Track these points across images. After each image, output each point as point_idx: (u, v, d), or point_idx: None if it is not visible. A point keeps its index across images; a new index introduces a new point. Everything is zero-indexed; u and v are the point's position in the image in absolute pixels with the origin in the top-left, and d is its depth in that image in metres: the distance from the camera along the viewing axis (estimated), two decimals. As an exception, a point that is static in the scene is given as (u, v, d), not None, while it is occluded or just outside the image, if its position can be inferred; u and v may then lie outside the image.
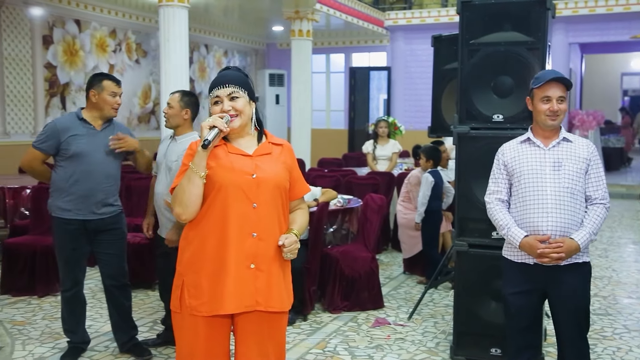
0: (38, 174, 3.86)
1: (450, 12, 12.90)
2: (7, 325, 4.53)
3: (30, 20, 9.08)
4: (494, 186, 3.17)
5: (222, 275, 2.25)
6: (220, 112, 2.30)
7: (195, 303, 2.26)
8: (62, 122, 3.73)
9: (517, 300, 3.07)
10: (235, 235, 2.26)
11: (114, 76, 3.87)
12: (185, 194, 2.22)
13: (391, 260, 6.82)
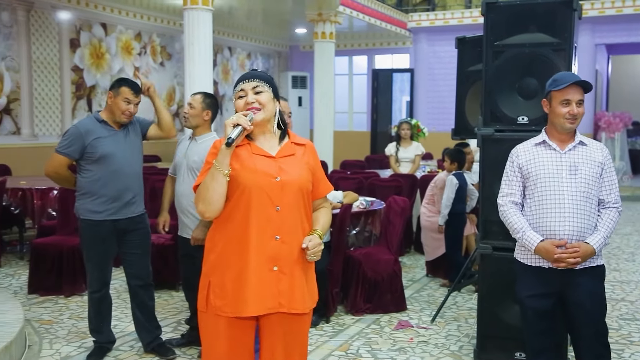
0: (63, 179, 3.88)
1: (474, 13, 12.83)
2: (35, 324, 4.60)
3: (58, 24, 9.22)
4: (508, 188, 3.14)
5: (245, 277, 2.26)
6: (244, 105, 2.30)
7: (219, 303, 2.28)
8: (84, 126, 3.76)
9: (533, 303, 3.05)
10: (258, 237, 2.27)
11: (136, 84, 3.86)
12: (208, 191, 2.23)
13: (414, 262, 6.79)
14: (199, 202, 2.27)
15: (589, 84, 3.00)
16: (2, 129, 8.50)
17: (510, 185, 3.13)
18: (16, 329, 3.87)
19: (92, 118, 3.83)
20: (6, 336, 3.73)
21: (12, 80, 8.58)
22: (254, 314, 2.30)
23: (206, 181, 2.25)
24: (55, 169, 3.78)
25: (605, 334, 3.05)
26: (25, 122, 8.83)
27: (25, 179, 7.12)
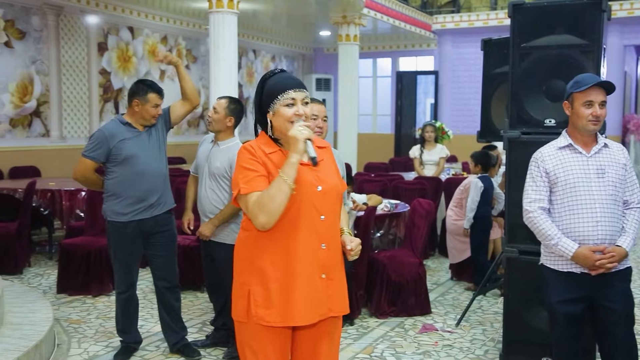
0: (91, 182, 3.94)
1: (499, 15, 12.72)
2: (64, 324, 4.67)
3: (86, 28, 9.37)
4: (535, 194, 3.07)
5: (293, 286, 2.24)
6: (294, 114, 2.25)
7: (262, 313, 2.25)
8: (108, 129, 3.80)
9: (564, 308, 3.01)
10: (305, 247, 2.26)
11: (158, 86, 3.91)
12: (274, 203, 2.16)
13: (438, 266, 6.76)
14: (261, 214, 2.17)
15: (612, 85, 2.96)
16: (32, 131, 8.65)
17: (538, 190, 3.07)
18: (45, 328, 3.93)
19: (116, 121, 3.87)
20: (36, 335, 3.80)
21: (42, 84, 8.73)
22: (305, 323, 2.28)
23: (271, 193, 2.17)
24: (83, 173, 3.83)
25: (634, 336, 3.02)
26: (54, 124, 8.97)
27: (54, 181, 7.24)
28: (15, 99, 8.38)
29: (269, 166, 2.24)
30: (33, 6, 8.55)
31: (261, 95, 2.32)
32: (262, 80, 2.34)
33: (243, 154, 2.28)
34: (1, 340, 3.66)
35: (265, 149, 2.28)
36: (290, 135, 2.21)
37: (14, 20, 8.31)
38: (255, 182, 2.22)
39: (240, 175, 2.25)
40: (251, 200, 2.19)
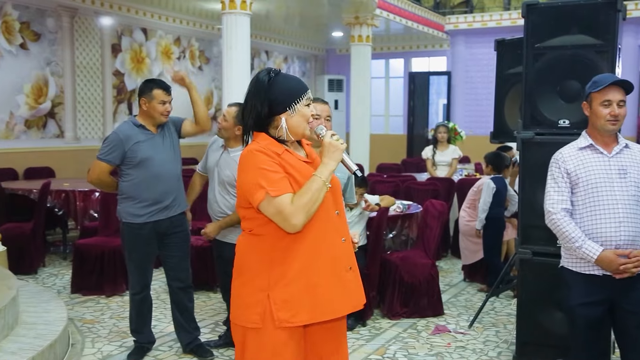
0: (106, 185, 3.95)
1: (512, 15, 12.66)
2: (78, 324, 4.71)
3: (100, 29, 9.43)
4: (557, 195, 3.03)
5: (321, 282, 2.25)
6: (310, 115, 2.29)
7: (285, 315, 2.21)
8: (123, 132, 3.81)
9: (585, 311, 2.97)
10: (328, 243, 2.27)
11: (164, 83, 3.91)
12: (315, 204, 2.17)
13: (451, 267, 6.74)
14: (301, 215, 2.15)
15: (630, 84, 2.94)
16: (46, 132, 8.72)
17: (560, 191, 3.02)
18: (60, 327, 3.96)
19: (129, 123, 3.87)
20: (50, 335, 3.83)
21: (56, 85, 8.80)
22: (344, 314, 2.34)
23: (314, 196, 2.16)
24: (98, 176, 3.85)
25: None
26: (69, 125, 9.04)
27: (69, 181, 7.29)
28: (30, 100, 8.46)
29: (286, 167, 2.22)
30: (48, 8, 8.62)
31: (273, 93, 2.23)
32: (267, 81, 2.25)
33: (257, 156, 2.19)
34: (16, 340, 3.70)
35: (276, 150, 2.24)
36: (330, 143, 2.23)
37: (29, 22, 8.39)
38: (282, 184, 2.17)
39: (261, 178, 2.16)
40: (285, 202, 2.14)
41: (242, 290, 2.28)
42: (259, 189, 2.16)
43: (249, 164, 2.21)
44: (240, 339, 2.31)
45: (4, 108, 8.07)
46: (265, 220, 2.22)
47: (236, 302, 2.31)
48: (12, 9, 8.15)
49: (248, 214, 2.27)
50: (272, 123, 2.27)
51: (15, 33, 8.21)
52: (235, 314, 2.31)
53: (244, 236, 2.34)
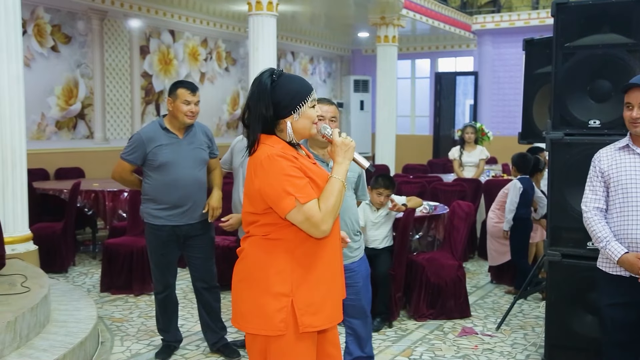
0: (129, 183, 4.00)
1: (541, 14, 12.51)
2: (107, 322, 4.77)
3: (129, 31, 9.56)
4: (592, 194, 3.04)
5: (336, 285, 2.28)
6: (316, 115, 2.27)
7: (311, 319, 2.19)
8: (146, 133, 3.79)
9: (613, 312, 2.96)
10: (338, 246, 2.30)
11: (192, 83, 3.86)
12: (339, 208, 2.18)
13: (478, 268, 6.68)
14: (331, 219, 2.14)
15: None
16: (76, 133, 8.86)
17: (595, 190, 3.03)
18: (90, 325, 4.02)
19: (156, 124, 3.85)
20: (81, 332, 3.89)
21: (86, 87, 8.94)
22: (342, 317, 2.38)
23: (337, 198, 2.16)
24: (120, 174, 3.89)
25: None
26: (98, 126, 9.18)
27: (98, 182, 7.41)
28: (61, 101, 8.60)
29: (305, 171, 2.18)
30: (78, 11, 8.76)
31: (277, 96, 2.18)
32: (269, 84, 2.19)
33: (280, 162, 2.12)
34: (48, 337, 3.76)
35: (293, 154, 2.19)
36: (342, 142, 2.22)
37: (61, 25, 8.54)
38: (308, 190, 2.13)
39: (288, 185, 2.10)
40: (314, 209, 2.11)
41: (261, 299, 2.18)
42: (286, 196, 2.10)
43: (272, 170, 2.13)
44: (260, 349, 2.23)
45: (36, 109, 8.22)
46: (285, 223, 2.16)
47: (254, 313, 2.20)
48: (44, 12, 8.30)
49: (265, 219, 2.20)
50: (278, 126, 2.22)
51: (47, 36, 8.36)
52: (254, 324, 2.20)
53: (256, 242, 2.24)
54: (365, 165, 2.32)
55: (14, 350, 3.47)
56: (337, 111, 3.34)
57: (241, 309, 2.25)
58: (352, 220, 3.33)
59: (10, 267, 4.43)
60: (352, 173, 3.35)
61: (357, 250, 3.38)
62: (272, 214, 2.17)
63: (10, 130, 5.00)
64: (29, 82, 6.54)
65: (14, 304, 3.69)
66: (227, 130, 11.61)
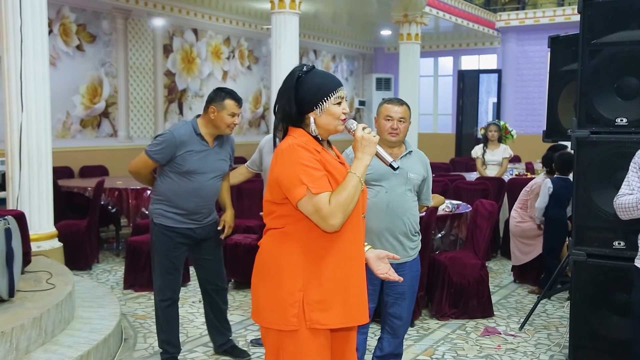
0: (144, 179, 3.82)
1: (566, 11, 12.35)
2: (130, 319, 4.81)
3: (152, 30, 9.64)
4: (625, 189, 3.00)
5: (350, 286, 2.24)
6: (342, 112, 2.24)
7: (319, 316, 2.17)
8: (180, 136, 3.60)
9: None
10: (356, 246, 2.26)
11: (237, 95, 3.72)
12: (353, 202, 2.14)
13: (500, 268, 6.62)
14: (340, 214, 2.10)
15: None
16: (100, 131, 8.97)
17: (629, 185, 2.99)
18: (113, 322, 4.06)
19: (189, 126, 3.67)
20: (105, 329, 3.92)
21: (110, 85, 9.04)
22: (365, 322, 2.31)
23: (351, 193, 2.12)
24: (138, 169, 3.73)
25: None
26: (122, 124, 9.27)
27: (121, 179, 7.47)
28: (86, 100, 8.71)
29: (325, 165, 2.18)
30: (103, 10, 8.86)
31: (301, 92, 2.21)
32: (296, 77, 2.22)
33: (298, 151, 2.14)
34: (72, 334, 3.80)
35: (315, 147, 2.19)
36: (363, 137, 2.20)
37: (86, 25, 8.64)
38: (323, 182, 2.12)
39: (302, 174, 2.10)
40: (324, 201, 2.09)
41: (275, 293, 2.19)
42: (299, 184, 2.10)
43: (290, 159, 2.14)
44: (274, 343, 2.23)
45: (61, 108, 8.33)
46: (300, 216, 2.16)
47: (268, 306, 2.21)
48: (69, 12, 8.41)
49: (281, 210, 2.21)
50: (303, 121, 2.24)
51: (72, 35, 8.46)
52: (269, 318, 2.21)
53: (272, 235, 2.25)
54: (388, 161, 2.30)
55: (39, 347, 3.52)
56: (407, 111, 3.36)
57: (257, 302, 2.27)
58: (411, 221, 3.35)
59: (35, 264, 4.49)
60: (416, 175, 3.37)
61: (413, 250, 3.40)
62: (288, 205, 2.18)
63: (36, 128, 5.07)
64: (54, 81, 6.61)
65: (39, 301, 3.74)
66: (249, 128, 11.65)
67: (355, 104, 14.45)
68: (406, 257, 3.37)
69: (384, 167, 3.24)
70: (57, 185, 6.33)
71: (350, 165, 2.24)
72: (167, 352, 3.86)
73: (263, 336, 2.29)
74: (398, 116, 3.30)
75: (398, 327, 3.48)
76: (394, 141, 3.34)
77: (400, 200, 3.31)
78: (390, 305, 3.43)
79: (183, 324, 4.41)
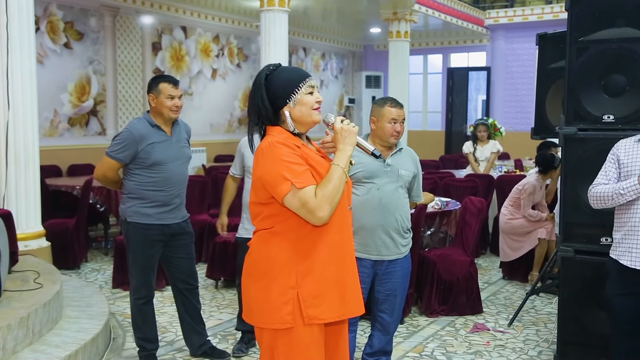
0: (111, 182, 3.79)
1: (555, 9, 12.40)
2: (119, 318, 4.79)
3: (141, 28, 9.58)
4: (602, 178, 3.08)
5: (345, 279, 2.25)
6: (315, 102, 2.24)
7: (317, 311, 2.18)
8: (138, 130, 3.61)
9: (623, 302, 2.99)
10: (345, 238, 2.27)
11: (172, 77, 3.76)
12: (339, 194, 2.14)
13: (489, 264, 6.65)
14: (327, 207, 2.10)
15: None
16: (89, 129, 8.91)
17: (606, 175, 3.07)
18: (102, 322, 4.04)
19: (144, 122, 3.68)
20: (93, 329, 3.91)
21: (98, 83, 8.98)
22: (361, 313, 2.33)
23: (336, 185, 2.13)
24: (105, 173, 3.69)
25: None
26: (110, 123, 9.21)
27: (110, 178, 7.42)
28: (74, 98, 8.65)
29: (307, 159, 2.18)
30: (91, 8, 8.80)
31: (272, 88, 2.21)
32: (264, 76, 2.23)
33: (279, 148, 2.14)
34: (60, 333, 3.78)
35: (295, 143, 2.20)
36: (342, 128, 2.20)
37: (73, 22, 8.57)
38: (306, 176, 2.12)
39: (285, 170, 2.11)
40: (310, 194, 2.09)
41: (268, 293, 2.20)
42: (283, 181, 2.11)
43: (271, 156, 2.15)
44: (269, 344, 2.23)
45: (49, 106, 8.26)
46: (288, 215, 2.16)
47: (261, 307, 2.21)
48: (56, 9, 8.34)
49: (268, 210, 2.21)
50: (279, 118, 2.24)
51: (60, 33, 8.40)
52: (261, 319, 2.22)
53: (262, 236, 2.25)
54: (370, 149, 2.31)
55: (26, 346, 3.49)
56: (402, 112, 3.40)
57: (249, 303, 2.27)
58: (403, 217, 3.38)
59: (23, 263, 4.46)
60: (407, 172, 3.40)
61: (405, 247, 3.43)
62: (275, 204, 2.18)
63: (23, 127, 5.03)
64: (41, 79, 6.57)
65: (26, 300, 3.72)
66: (238, 126, 11.62)
67: (345, 101, 14.45)
68: (397, 254, 3.38)
69: (375, 164, 3.25)
70: (44, 184, 6.29)
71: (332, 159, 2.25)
72: (144, 349, 3.85)
73: (257, 336, 2.29)
74: (401, 119, 3.36)
75: (388, 324, 3.49)
76: (395, 142, 3.38)
77: (392, 197, 3.32)
78: (381, 302, 3.44)
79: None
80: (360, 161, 3.14)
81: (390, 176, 3.33)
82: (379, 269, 3.39)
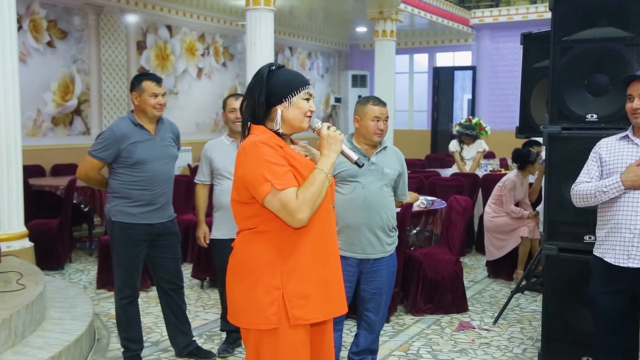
0: (95, 182, 3.80)
1: (539, 8, 12.47)
2: (104, 319, 4.76)
3: (126, 27, 9.52)
4: (583, 176, 3.10)
5: (330, 278, 2.26)
6: (309, 109, 2.25)
7: (302, 311, 2.18)
8: (120, 130, 3.61)
9: (605, 300, 3.01)
10: (329, 237, 2.28)
11: (155, 75, 3.75)
12: (320, 197, 2.14)
13: (475, 263, 6.68)
14: (307, 209, 2.10)
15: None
16: (72, 129, 8.83)
17: (588, 173, 3.09)
18: (86, 323, 4.01)
19: (127, 121, 3.68)
20: (77, 330, 3.87)
21: (82, 82, 8.90)
22: (345, 312, 2.35)
23: (318, 189, 2.13)
24: (87, 173, 3.69)
25: None
26: (95, 122, 9.14)
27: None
28: (57, 97, 8.57)
29: (289, 160, 2.18)
30: (74, 6, 8.72)
31: (272, 84, 2.21)
32: (267, 70, 2.23)
33: (261, 148, 2.13)
34: (43, 335, 3.75)
35: (278, 143, 2.19)
36: (329, 135, 2.21)
37: (56, 21, 8.49)
38: (288, 177, 2.12)
39: (266, 171, 2.10)
40: (290, 196, 2.09)
41: (253, 293, 2.19)
42: (264, 182, 2.10)
43: (253, 156, 2.14)
44: (254, 344, 2.23)
45: (32, 105, 8.18)
46: (270, 215, 2.15)
47: (246, 307, 2.20)
48: (39, 8, 8.26)
49: (250, 210, 2.20)
50: (269, 115, 2.23)
51: (43, 31, 8.32)
52: (246, 319, 2.21)
53: (245, 237, 2.24)
54: (354, 158, 2.33)
55: (9, 348, 3.46)
56: (385, 110, 3.42)
57: (234, 303, 2.26)
58: (388, 215, 3.39)
59: (5, 264, 4.42)
60: (392, 170, 3.41)
61: (390, 245, 3.43)
62: (257, 204, 2.18)
63: (5, 126, 4.97)
64: (24, 77, 6.50)
65: (9, 302, 3.68)
66: (224, 125, 11.56)
67: (331, 101, 14.44)
68: (383, 253, 3.38)
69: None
70: (27, 184, 6.23)
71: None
72: (129, 349, 3.83)
73: (243, 337, 2.29)
74: (384, 117, 3.36)
75: (374, 323, 3.49)
76: (378, 141, 3.39)
77: (377, 196, 3.33)
78: (366, 301, 3.44)
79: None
80: (344, 160, 3.14)
81: (375, 174, 3.34)
82: (364, 267, 3.39)
